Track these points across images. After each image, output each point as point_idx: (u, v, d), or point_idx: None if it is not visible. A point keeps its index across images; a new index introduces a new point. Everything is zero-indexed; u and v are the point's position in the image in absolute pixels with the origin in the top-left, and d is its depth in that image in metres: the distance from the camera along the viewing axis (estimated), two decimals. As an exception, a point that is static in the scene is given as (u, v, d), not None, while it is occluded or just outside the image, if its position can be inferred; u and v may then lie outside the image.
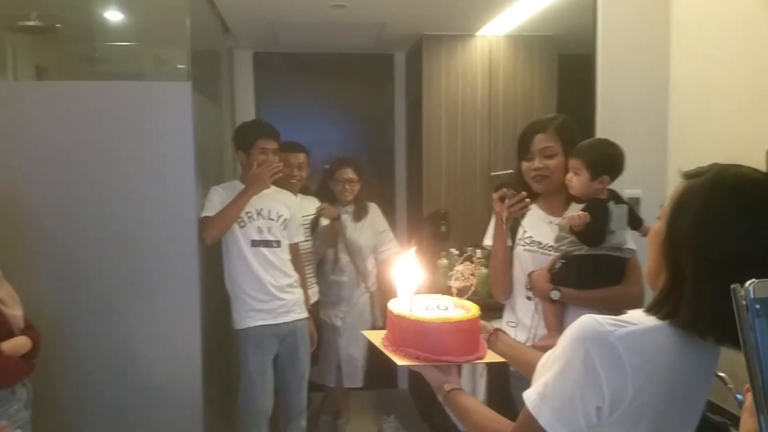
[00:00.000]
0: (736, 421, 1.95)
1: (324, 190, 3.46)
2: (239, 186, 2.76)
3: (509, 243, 2.10)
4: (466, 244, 3.60)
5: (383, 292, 3.42)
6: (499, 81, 3.69)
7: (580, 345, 0.94)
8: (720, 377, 1.89)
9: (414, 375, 4.11)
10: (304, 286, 3.00)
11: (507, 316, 2.17)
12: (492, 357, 1.33)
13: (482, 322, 1.39)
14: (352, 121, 4.30)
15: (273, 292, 2.76)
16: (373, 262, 3.52)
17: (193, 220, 2.58)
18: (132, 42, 3.44)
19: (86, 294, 2.50)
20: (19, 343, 1.92)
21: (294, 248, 2.97)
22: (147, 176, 2.51)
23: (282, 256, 2.83)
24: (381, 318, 3.37)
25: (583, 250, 1.91)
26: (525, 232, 2.08)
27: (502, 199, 1.99)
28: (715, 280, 0.91)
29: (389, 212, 4.09)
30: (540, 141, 2.01)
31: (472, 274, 1.43)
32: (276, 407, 2.95)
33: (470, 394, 1.23)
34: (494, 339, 1.38)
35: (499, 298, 2.16)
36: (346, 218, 3.43)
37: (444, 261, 3.53)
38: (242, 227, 2.75)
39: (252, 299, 2.75)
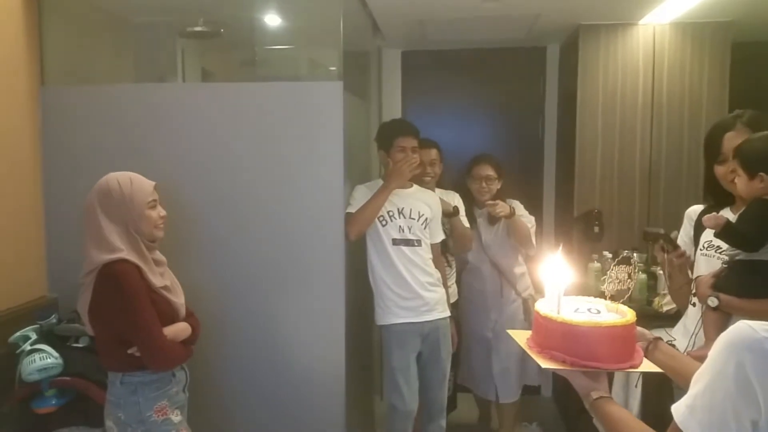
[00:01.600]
0: None
1: (462, 189, 3.30)
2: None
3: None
4: (622, 246, 3.38)
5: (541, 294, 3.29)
6: (664, 74, 3.40)
7: (732, 353, 0.88)
8: None
9: (559, 382, 3.94)
10: (445, 285, 2.96)
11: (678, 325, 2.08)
12: (648, 367, 1.24)
13: (641, 330, 1.33)
14: (501, 117, 4.19)
15: (416, 290, 2.76)
16: (522, 269, 3.35)
17: (340, 215, 2.64)
18: (289, 45, 3.60)
19: (240, 284, 2.64)
20: (181, 329, 2.03)
21: (435, 248, 2.94)
22: (300, 172, 2.60)
23: (424, 255, 2.82)
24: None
25: (742, 255, 1.75)
26: (708, 237, 1.94)
27: (663, 249, 1.94)
28: None
29: (536, 212, 3.93)
30: (731, 139, 1.86)
31: (628, 277, 1.34)
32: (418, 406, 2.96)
33: (619, 405, 1.17)
34: (653, 348, 1.30)
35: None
36: (481, 222, 3.30)
37: (596, 264, 3.33)
38: (384, 226, 2.77)
39: (395, 295, 2.76)
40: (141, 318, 1.89)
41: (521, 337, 1.33)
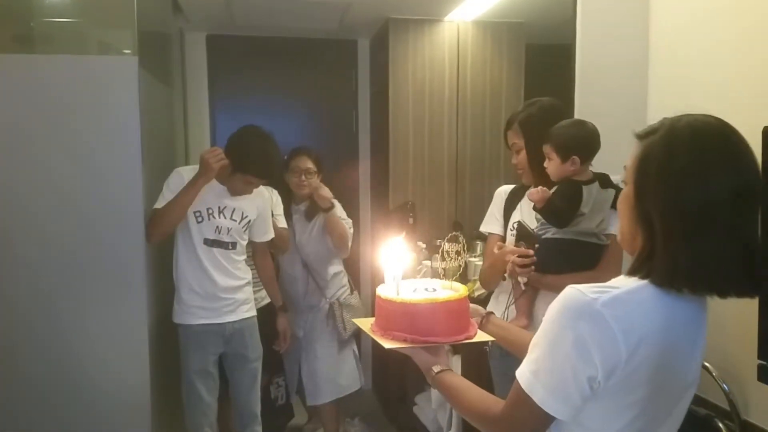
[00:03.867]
0: (721, 414, 1.88)
1: (280, 184, 3.04)
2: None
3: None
4: (434, 237, 3.46)
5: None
6: (467, 69, 3.56)
7: (566, 317, 0.95)
8: (705, 368, 1.82)
9: (376, 373, 3.97)
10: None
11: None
12: (482, 336, 1.32)
13: (474, 306, 1.41)
14: (314, 110, 4.10)
15: (218, 294, 2.57)
16: (336, 268, 3.16)
17: (139, 208, 2.34)
18: (75, 18, 3.15)
19: (25, 292, 2.27)
20: None
21: (261, 246, 2.79)
22: (89, 159, 2.27)
23: (236, 258, 2.63)
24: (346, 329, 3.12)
25: (550, 232, 1.85)
26: (517, 218, 2.04)
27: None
28: (686, 229, 0.93)
29: (353, 205, 3.92)
30: (509, 138, 2.05)
31: (458, 254, 1.42)
32: (229, 413, 2.75)
33: (459, 375, 1.21)
34: (486, 322, 1.38)
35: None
36: (297, 219, 3.09)
37: (412, 255, 3.38)
38: (199, 222, 2.53)
39: (196, 296, 2.55)
40: None
41: (366, 324, 1.36)
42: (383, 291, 1.29)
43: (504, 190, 2.17)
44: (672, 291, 0.95)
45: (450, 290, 1.30)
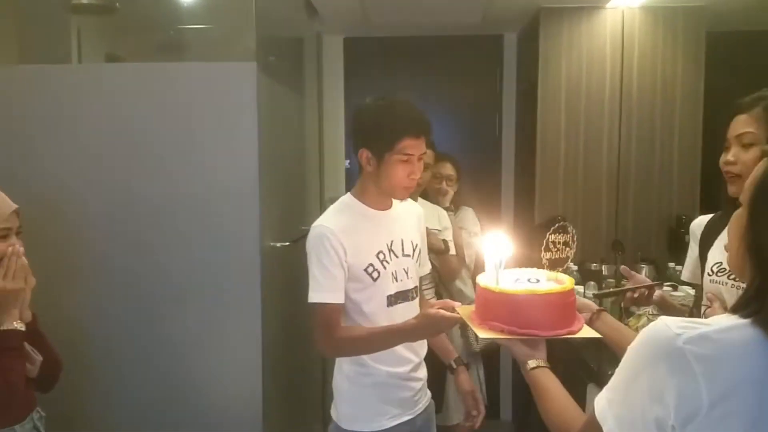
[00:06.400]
0: None
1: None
2: (357, 207, 1.73)
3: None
4: (589, 259, 3.00)
5: None
6: (634, 63, 3.04)
7: (647, 350, 0.87)
8: None
9: (518, 404, 3.57)
10: None
11: None
12: (587, 332, 1.25)
13: (585, 300, 1.37)
14: (453, 113, 3.77)
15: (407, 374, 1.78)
16: (462, 284, 2.84)
17: (255, 222, 2.17)
18: (203, 24, 3.15)
19: (141, 303, 2.20)
20: None
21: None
22: (206, 169, 2.17)
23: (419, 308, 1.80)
24: None
25: None
26: (718, 258, 1.53)
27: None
28: None
29: (492, 218, 3.53)
30: (739, 125, 1.44)
31: (565, 244, 1.41)
32: None
33: (554, 377, 1.15)
34: (596, 318, 1.32)
35: None
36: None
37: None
38: (375, 280, 1.69)
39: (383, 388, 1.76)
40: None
41: (467, 312, 1.34)
42: (483, 280, 1.26)
43: (698, 223, 1.69)
44: None
45: (555, 282, 1.26)
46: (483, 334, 1.20)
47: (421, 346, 1.79)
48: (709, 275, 1.54)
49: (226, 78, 2.14)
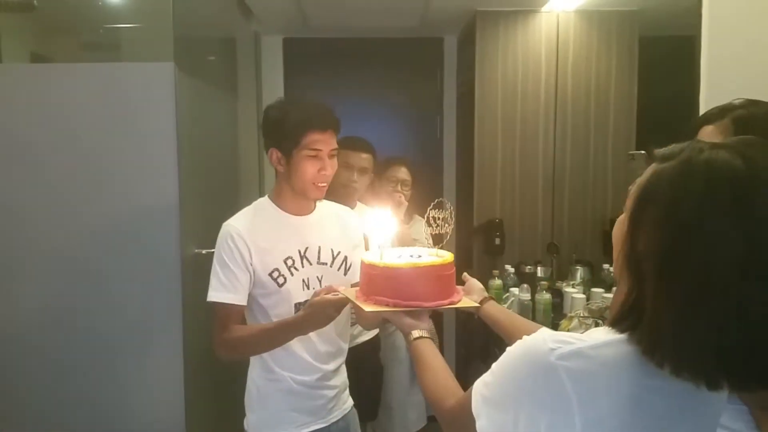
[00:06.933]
0: None
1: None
2: (270, 209, 1.67)
3: None
4: (525, 260, 3.01)
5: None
6: (568, 66, 3.07)
7: (522, 361, 0.84)
8: None
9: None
10: None
11: None
12: (467, 303, 1.32)
13: (475, 282, 1.42)
14: (395, 115, 3.75)
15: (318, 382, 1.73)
16: None
17: (172, 234, 2.09)
18: (126, 24, 3.06)
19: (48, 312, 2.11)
20: None
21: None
22: (121, 165, 2.08)
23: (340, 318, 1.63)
24: None
25: None
26: None
27: None
28: (680, 294, 0.74)
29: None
30: (706, 135, 1.32)
31: (444, 221, 1.39)
32: None
33: (436, 349, 1.18)
34: (485, 302, 1.37)
35: None
36: None
37: (497, 281, 2.93)
38: (281, 286, 1.61)
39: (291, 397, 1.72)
40: None
41: (352, 292, 1.34)
42: (367, 257, 1.29)
43: None
44: (652, 362, 0.77)
45: (436, 257, 1.30)
46: (369, 308, 1.22)
47: (333, 356, 1.72)
48: None
49: (142, 79, 2.06)
